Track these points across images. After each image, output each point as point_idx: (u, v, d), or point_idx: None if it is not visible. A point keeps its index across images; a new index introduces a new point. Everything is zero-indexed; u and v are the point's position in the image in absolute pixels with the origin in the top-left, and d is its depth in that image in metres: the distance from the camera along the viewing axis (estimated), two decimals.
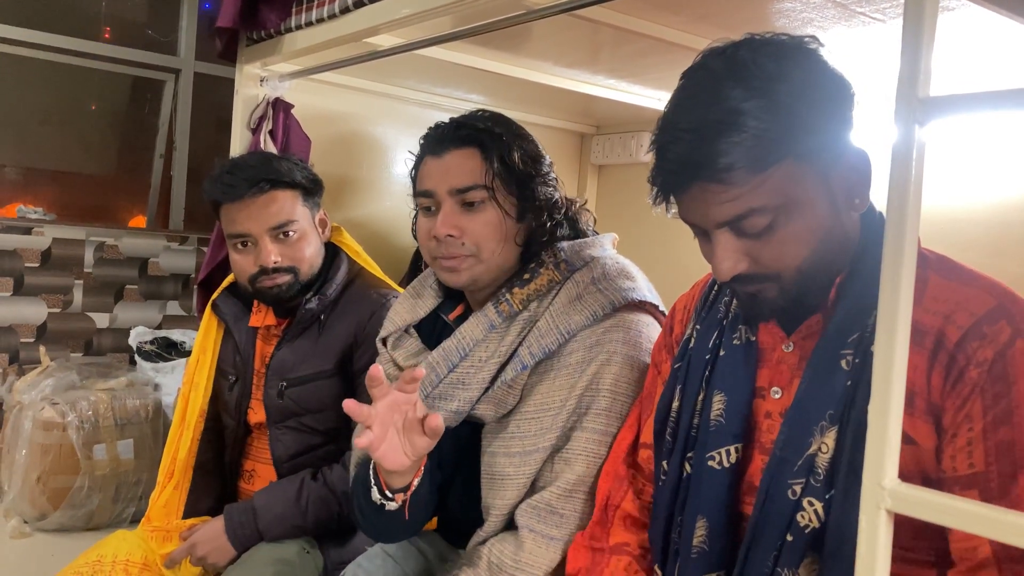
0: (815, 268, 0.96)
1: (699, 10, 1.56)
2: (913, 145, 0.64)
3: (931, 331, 0.90)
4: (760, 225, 0.93)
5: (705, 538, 1.03)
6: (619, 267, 1.37)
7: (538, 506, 1.23)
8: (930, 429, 0.90)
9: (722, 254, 0.97)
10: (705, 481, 1.04)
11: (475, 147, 1.32)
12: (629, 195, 2.81)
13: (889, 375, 0.64)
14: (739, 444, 1.03)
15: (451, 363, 1.31)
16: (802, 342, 1.02)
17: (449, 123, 1.37)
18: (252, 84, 2.23)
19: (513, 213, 1.32)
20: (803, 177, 0.92)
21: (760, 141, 0.90)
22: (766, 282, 0.97)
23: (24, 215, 3.22)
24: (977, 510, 0.60)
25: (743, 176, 0.91)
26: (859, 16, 1.46)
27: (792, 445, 0.95)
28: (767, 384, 1.04)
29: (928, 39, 0.63)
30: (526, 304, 1.31)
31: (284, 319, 1.78)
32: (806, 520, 0.92)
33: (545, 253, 1.34)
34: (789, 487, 0.94)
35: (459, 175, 1.30)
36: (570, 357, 1.27)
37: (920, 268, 0.93)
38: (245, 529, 1.64)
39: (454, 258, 1.30)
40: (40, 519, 2.42)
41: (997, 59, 1.60)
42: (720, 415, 1.05)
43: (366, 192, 2.55)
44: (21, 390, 2.57)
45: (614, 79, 2.18)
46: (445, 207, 1.30)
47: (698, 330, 1.14)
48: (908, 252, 0.64)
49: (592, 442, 1.23)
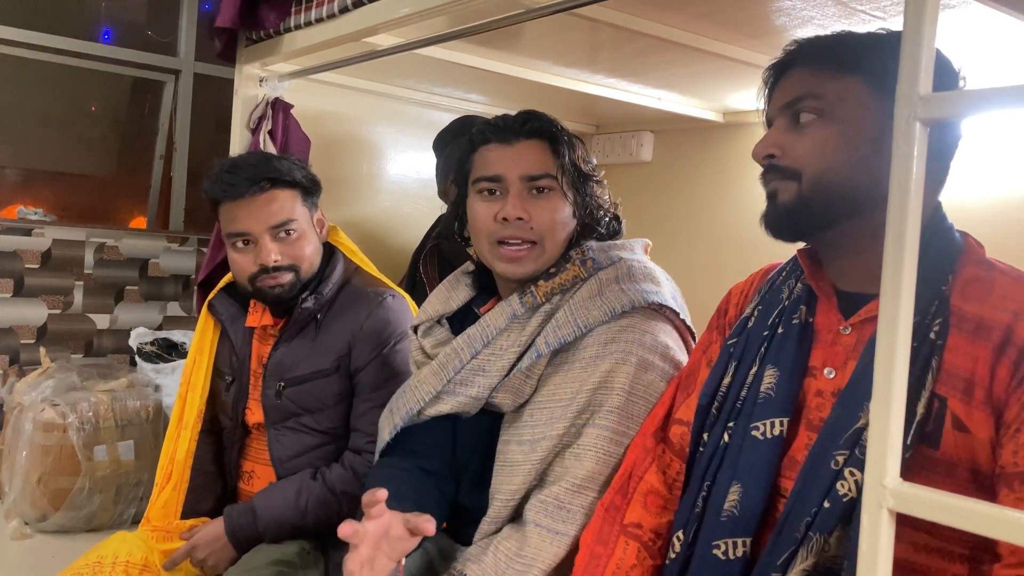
0: (833, 188, 1.02)
1: (699, 8, 1.55)
2: (914, 142, 0.63)
3: (999, 326, 0.93)
4: (812, 110, 1.04)
5: (737, 503, 1.04)
6: (645, 270, 1.39)
7: (546, 501, 1.24)
8: (988, 419, 0.91)
9: (767, 137, 1.09)
10: (746, 450, 1.06)
11: (545, 140, 1.38)
12: (630, 194, 2.79)
13: (890, 375, 0.64)
14: (786, 418, 1.05)
15: (474, 349, 1.35)
16: (860, 325, 1.04)
17: (515, 116, 1.41)
18: (251, 84, 2.23)
19: (573, 207, 1.38)
20: (864, 99, 1.01)
21: (853, 52, 1.04)
22: (788, 179, 1.05)
23: (24, 216, 3.21)
24: (981, 509, 0.60)
25: (827, 66, 1.04)
26: (859, 14, 1.46)
27: (842, 423, 0.96)
28: (820, 364, 1.06)
29: (929, 37, 0.63)
30: (549, 297, 1.35)
31: (281, 319, 1.78)
32: (845, 489, 0.93)
33: (574, 250, 1.38)
34: (832, 458, 0.95)
35: (532, 163, 1.36)
36: (585, 351, 1.30)
37: (988, 271, 0.99)
38: (245, 530, 1.64)
39: (518, 247, 1.34)
40: (41, 520, 2.42)
41: (998, 57, 1.60)
42: (771, 389, 1.07)
43: (365, 191, 2.55)
44: (21, 391, 2.56)
45: (614, 78, 2.18)
46: (514, 191, 1.35)
47: (760, 310, 1.17)
48: (909, 249, 0.64)
49: (603, 439, 1.25)
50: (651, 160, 2.73)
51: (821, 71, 1.04)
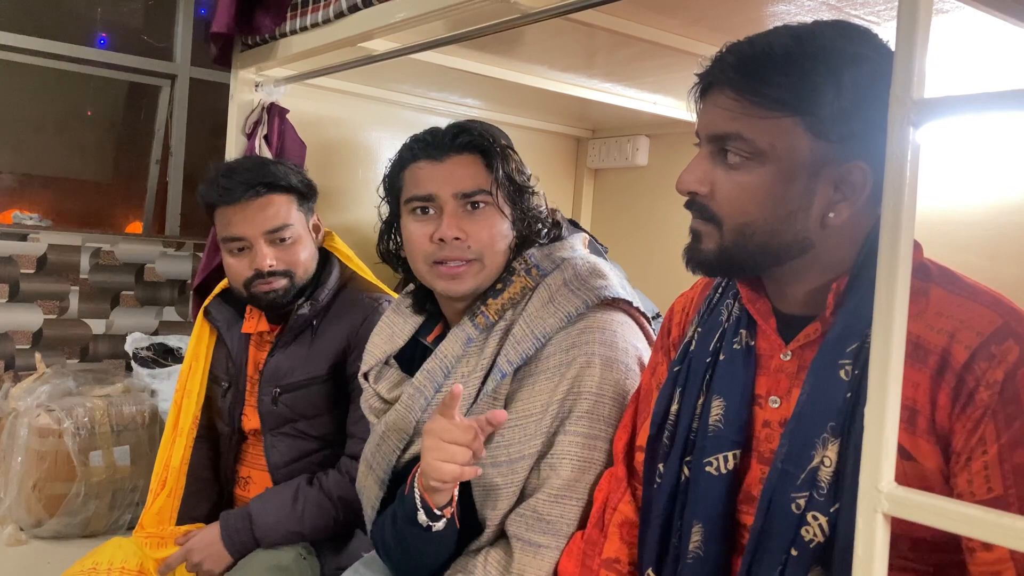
0: (755, 240, 0.96)
1: (694, 14, 1.56)
2: (907, 147, 0.63)
3: (935, 350, 0.88)
4: (739, 152, 0.95)
5: (701, 544, 1.02)
6: (590, 266, 1.36)
7: (525, 514, 1.22)
8: (933, 449, 0.89)
9: (694, 165, 1.00)
10: (702, 486, 1.04)
11: (477, 154, 1.33)
12: (625, 199, 2.81)
13: (885, 379, 0.64)
14: (737, 451, 1.02)
15: (436, 383, 1.32)
16: (800, 351, 1.01)
17: (445, 131, 1.36)
18: (247, 89, 2.23)
19: (510, 220, 1.34)
20: (799, 145, 0.93)
21: (791, 88, 0.92)
22: (711, 223, 0.99)
23: (20, 221, 3.21)
24: (973, 513, 0.60)
25: (758, 102, 0.93)
26: (853, 18, 1.46)
27: (793, 458, 0.94)
28: (764, 392, 1.03)
29: (922, 41, 0.63)
30: (502, 314, 1.31)
31: (277, 325, 1.78)
32: (811, 535, 0.91)
33: (516, 261, 1.34)
34: (792, 501, 0.92)
35: (464, 180, 1.31)
36: (548, 361, 1.27)
37: (923, 280, 0.93)
38: (241, 535, 1.63)
39: (457, 265, 1.30)
40: (36, 526, 2.41)
41: (991, 61, 1.60)
42: (719, 420, 1.04)
43: (361, 196, 2.55)
44: (17, 397, 2.56)
45: (610, 83, 2.18)
46: (449, 210, 1.30)
47: (700, 333, 1.13)
48: (903, 254, 0.64)
49: (576, 445, 1.22)
50: (647, 164, 2.73)
51: (753, 106, 0.93)
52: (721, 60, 0.98)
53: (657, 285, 1.54)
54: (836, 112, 0.91)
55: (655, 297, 1.69)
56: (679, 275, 1.11)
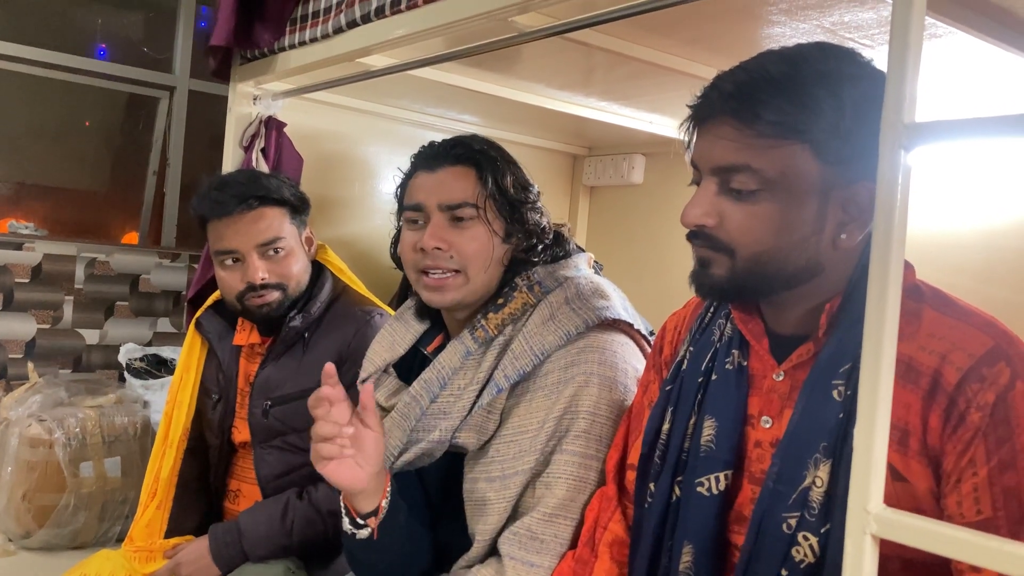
0: (769, 267, 0.96)
1: (690, 34, 1.57)
2: (899, 170, 0.64)
3: (927, 371, 0.89)
4: (746, 186, 0.94)
5: (691, 564, 1.02)
6: (593, 286, 1.36)
7: (519, 532, 1.21)
8: (925, 470, 0.89)
9: (699, 198, 0.98)
10: (693, 506, 1.03)
11: (470, 166, 1.34)
12: (621, 216, 2.82)
13: (875, 399, 0.64)
14: (729, 471, 1.02)
15: (432, 393, 1.31)
16: (793, 371, 1.01)
17: (444, 142, 1.37)
18: (245, 102, 2.23)
19: (501, 234, 1.33)
20: (807, 171, 0.92)
21: (795, 113, 0.91)
22: (721, 252, 0.97)
23: (15, 230, 3.21)
24: (961, 536, 0.60)
25: (763, 130, 0.92)
26: (847, 42, 1.47)
27: (785, 478, 0.94)
28: (757, 413, 1.03)
29: (914, 65, 0.64)
30: (501, 329, 1.31)
31: (268, 337, 1.78)
32: (801, 555, 0.91)
33: (519, 277, 1.34)
34: (784, 521, 0.92)
35: (451, 191, 1.32)
36: (546, 378, 1.26)
37: (915, 301, 0.93)
38: (230, 549, 1.62)
39: (441, 275, 1.30)
40: (24, 537, 2.39)
41: (983, 86, 1.61)
42: (711, 440, 1.04)
43: (357, 211, 2.55)
44: (8, 406, 2.55)
45: (606, 101, 2.19)
46: (434, 220, 1.31)
47: (691, 352, 1.13)
48: (894, 277, 0.64)
49: (572, 464, 1.22)
50: (642, 182, 2.74)
51: (758, 135, 0.92)
52: (717, 89, 0.97)
53: (650, 302, 1.54)
54: (840, 134, 0.91)
55: (649, 315, 1.69)
56: (673, 293, 1.11)
